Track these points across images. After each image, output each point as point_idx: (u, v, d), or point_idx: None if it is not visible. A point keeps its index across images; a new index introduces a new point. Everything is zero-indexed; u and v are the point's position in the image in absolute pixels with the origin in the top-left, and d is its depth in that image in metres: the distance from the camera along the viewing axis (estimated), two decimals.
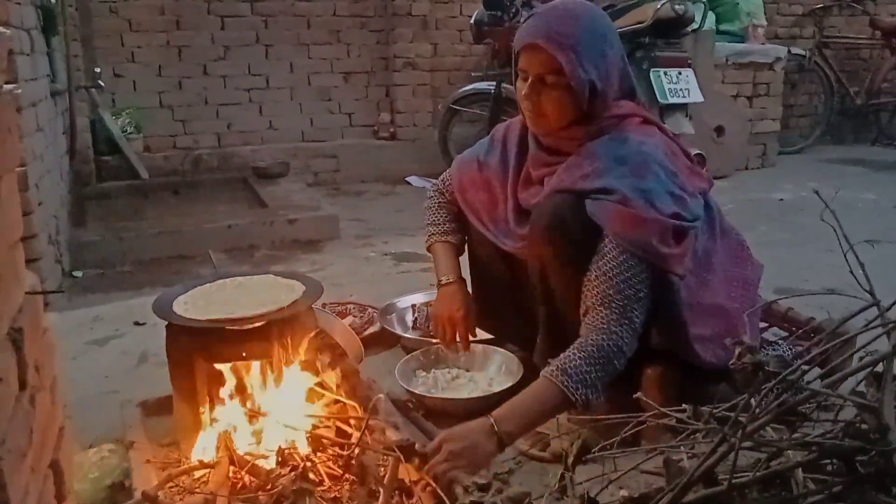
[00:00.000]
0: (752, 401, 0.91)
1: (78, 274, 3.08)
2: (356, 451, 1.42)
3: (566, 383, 1.47)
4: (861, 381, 0.96)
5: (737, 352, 0.90)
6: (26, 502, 0.82)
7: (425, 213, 2.01)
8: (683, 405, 1.06)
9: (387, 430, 1.51)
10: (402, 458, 1.37)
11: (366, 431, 1.42)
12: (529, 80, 1.61)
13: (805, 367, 0.86)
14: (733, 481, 0.87)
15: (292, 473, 1.40)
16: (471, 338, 1.96)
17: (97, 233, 3.36)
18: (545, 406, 1.50)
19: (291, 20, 5.04)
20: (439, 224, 1.97)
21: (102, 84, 4.10)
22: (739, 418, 0.85)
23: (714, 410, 0.96)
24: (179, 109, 4.89)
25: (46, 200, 2.78)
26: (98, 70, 4.12)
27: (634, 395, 1.20)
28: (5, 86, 0.93)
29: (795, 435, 0.93)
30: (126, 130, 4.52)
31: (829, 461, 0.95)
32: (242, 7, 4.91)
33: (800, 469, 0.89)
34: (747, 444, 0.88)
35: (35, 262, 2.52)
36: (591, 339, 1.51)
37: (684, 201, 1.57)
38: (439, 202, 2.00)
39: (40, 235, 2.59)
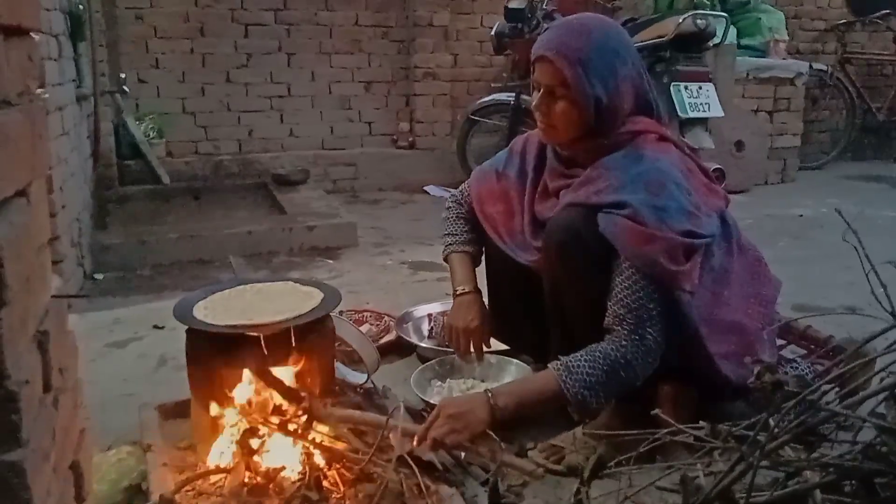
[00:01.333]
0: (771, 420, 0.90)
1: (99, 276, 3.11)
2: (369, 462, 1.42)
3: (564, 377, 1.53)
4: (881, 402, 0.95)
5: (756, 370, 0.90)
6: (47, 503, 0.83)
7: (443, 224, 2.02)
8: (701, 422, 1.06)
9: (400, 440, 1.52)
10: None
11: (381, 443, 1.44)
12: (540, 92, 1.63)
13: (825, 388, 0.86)
14: (750, 500, 0.87)
15: (301, 482, 1.41)
16: (485, 349, 1.96)
17: (118, 236, 3.40)
18: (540, 393, 1.58)
19: (314, 29, 5.09)
20: (457, 234, 1.98)
21: (127, 89, 4.16)
22: (758, 437, 0.85)
23: (732, 428, 0.96)
24: (202, 116, 4.95)
25: (70, 203, 2.82)
26: (123, 75, 4.17)
27: (652, 412, 1.19)
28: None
29: (814, 455, 0.92)
30: (149, 135, 4.58)
31: (847, 483, 0.94)
32: (266, 16, 4.96)
33: (818, 490, 0.88)
34: (765, 463, 0.87)
35: (57, 265, 2.56)
36: (601, 347, 1.55)
37: (698, 219, 1.57)
38: (457, 213, 2.00)
39: (63, 238, 2.63)
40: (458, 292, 1.93)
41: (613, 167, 1.60)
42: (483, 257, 1.99)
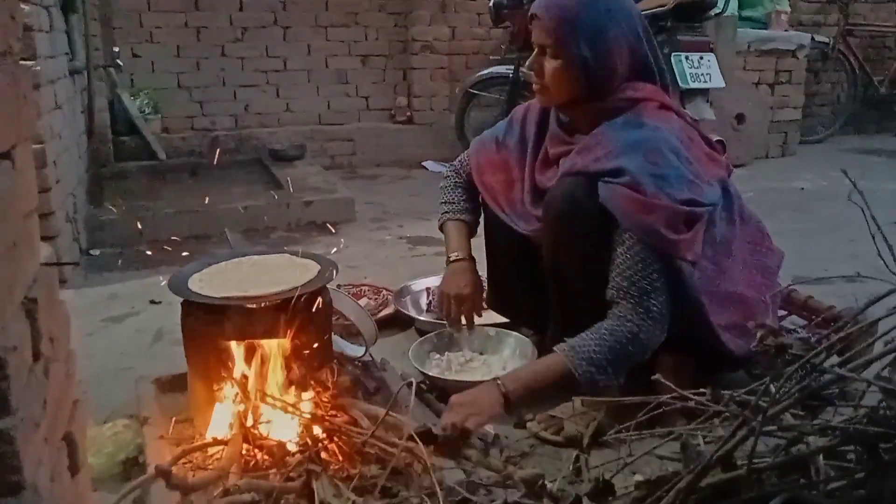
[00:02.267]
0: (773, 385, 0.89)
1: (95, 252, 3.09)
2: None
3: (571, 356, 1.52)
4: (886, 366, 0.94)
5: (759, 334, 0.89)
6: (39, 473, 0.82)
7: (441, 193, 2.00)
8: (702, 389, 1.05)
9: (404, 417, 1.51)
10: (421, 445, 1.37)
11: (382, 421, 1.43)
12: (535, 53, 1.64)
13: (829, 350, 0.85)
14: (752, 466, 0.86)
15: (303, 454, 1.40)
16: (478, 319, 1.94)
17: (114, 212, 3.37)
18: (549, 374, 1.57)
19: (310, 2, 5.02)
20: (454, 203, 1.96)
21: (121, 63, 4.10)
22: (760, 402, 0.83)
23: (734, 394, 0.94)
24: (197, 91, 4.89)
25: (64, 178, 2.79)
26: (116, 49, 4.11)
27: (652, 377, 1.18)
28: (23, 61, 0.92)
29: (817, 421, 0.91)
30: (144, 111, 4.53)
31: (850, 448, 0.93)
32: None
33: (820, 455, 0.87)
34: (768, 428, 0.86)
35: (52, 240, 2.53)
36: (605, 324, 1.54)
37: (699, 188, 1.55)
38: (455, 182, 1.98)
39: (57, 213, 2.60)
40: (451, 259, 1.91)
41: (612, 133, 1.59)
42: (482, 228, 1.97)
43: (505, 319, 2.06)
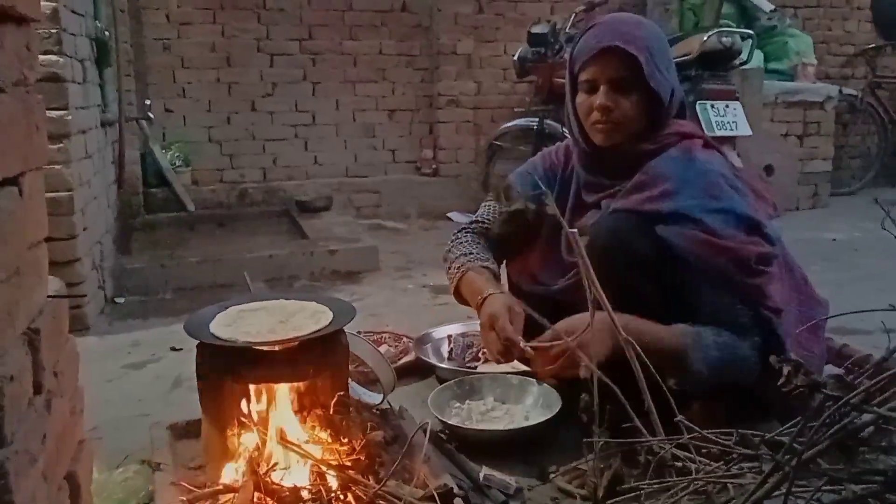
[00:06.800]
0: (806, 429, 0.83)
1: (120, 300, 3.10)
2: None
3: (693, 349, 1.43)
4: None
5: (785, 371, 0.83)
6: None
7: (454, 248, 1.85)
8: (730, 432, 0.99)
9: (423, 471, 1.45)
10: None
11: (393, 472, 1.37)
12: (602, 88, 1.55)
13: (868, 391, 0.79)
14: None
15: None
16: (500, 367, 1.86)
17: (141, 260, 3.40)
18: (665, 338, 1.45)
19: (338, 58, 5.13)
20: (473, 254, 1.80)
21: (152, 116, 4.19)
22: (794, 445, 0.77)
23: (765, 437, 0.88)
24: (227, 144, 4.99)
25: (91, 226, 2.83)
26: (148, 102, 4.21)
27: (675, 419, 1.12)
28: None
29: (855, 468, 0.84)
30: (175, 164, 4.62)
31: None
32: (291, 45, 5.02)
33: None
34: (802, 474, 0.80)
35: (77, 286, 2.55)
36: (727, 334, 1.45)
37: (762, 224, 1.50)
38: (473, 239, 1.86)
39: (84, 260, 2.62)
40: (486, 294, 1.66)
41: (665, 170, 1.52)
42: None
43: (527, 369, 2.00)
